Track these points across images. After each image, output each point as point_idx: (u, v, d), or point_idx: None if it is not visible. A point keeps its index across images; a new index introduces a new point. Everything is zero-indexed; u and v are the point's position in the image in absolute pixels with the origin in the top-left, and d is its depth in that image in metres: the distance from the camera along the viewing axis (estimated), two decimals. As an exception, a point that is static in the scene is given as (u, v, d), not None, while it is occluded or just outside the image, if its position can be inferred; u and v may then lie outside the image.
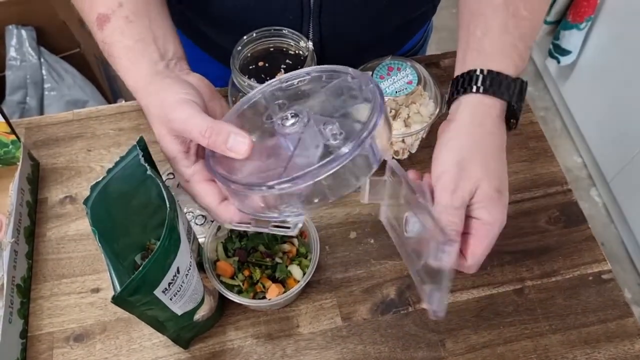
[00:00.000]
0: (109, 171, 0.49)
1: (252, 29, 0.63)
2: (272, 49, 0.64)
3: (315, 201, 0.42)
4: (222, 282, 0.57)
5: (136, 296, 0.44)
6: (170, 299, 0.48)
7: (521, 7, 0.52)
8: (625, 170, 1.55)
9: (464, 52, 0.54)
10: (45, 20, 1.35)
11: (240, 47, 0.63)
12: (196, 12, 0.69)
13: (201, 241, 0.60)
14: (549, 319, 0.62)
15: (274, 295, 0.57)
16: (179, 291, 0.48)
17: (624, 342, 0.60)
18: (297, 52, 0.63)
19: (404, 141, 0.68)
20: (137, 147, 0.48)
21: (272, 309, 0.62)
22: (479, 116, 0.51)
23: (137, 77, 0.50)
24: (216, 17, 0.67)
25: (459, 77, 0.52)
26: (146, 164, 0.47)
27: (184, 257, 0.47)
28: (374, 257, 0.65)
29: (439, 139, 0.51)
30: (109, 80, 1.65)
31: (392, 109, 0.68)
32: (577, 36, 1.62)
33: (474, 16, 0.54)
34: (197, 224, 0.66)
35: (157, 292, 0.45)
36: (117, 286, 0.45)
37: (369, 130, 0.41)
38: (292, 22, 0.64)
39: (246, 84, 0.60)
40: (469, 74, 0.51)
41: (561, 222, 0.68)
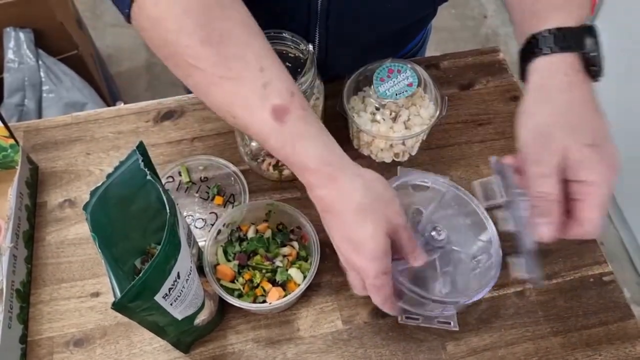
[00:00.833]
0: (109, 176, 0.48)
1: None
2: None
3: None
4: (222, 286, 0.57)
5: (137, 302, 0.43)
6: (170, 304, 0.47)
7: None
8: (625, 170, 1.54)
9: (521, 25, 0.53)
10: (43, 22, 1.34)
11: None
12: None
13: (201, 245, 0.60)
14: (550, 321, 0.62)
15: (274, 298, 0.57)
16: (179, 296, 0.48)
17: (625, 344, 0.60)
18: (296, 55, 0.63)
19: (404, 143, 0.68)
20: (137, 152, 0.48)
21: (272, 312, 0.61)
22: (548, 78, 0.49)
23: (335, 156, 0.49)
24: None
25: (522, 50, 0.52)
26: (146, 169, 0.47)
27: (184, 261, 0.47)
28: (374, 260, 0.65)
29: (517, 116, 0.51)
30: (107, 81, 1.65)
31: (392, 111, 0.68)
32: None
33: None
34: (196, 227, 0.66)
35: (158, 297, 0.45)
36: (117, 292, 0.45)
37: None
38: (299, 27, 0.64)
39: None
40: (529, 42, 0.51)
41: (562, 224, 0.68)
